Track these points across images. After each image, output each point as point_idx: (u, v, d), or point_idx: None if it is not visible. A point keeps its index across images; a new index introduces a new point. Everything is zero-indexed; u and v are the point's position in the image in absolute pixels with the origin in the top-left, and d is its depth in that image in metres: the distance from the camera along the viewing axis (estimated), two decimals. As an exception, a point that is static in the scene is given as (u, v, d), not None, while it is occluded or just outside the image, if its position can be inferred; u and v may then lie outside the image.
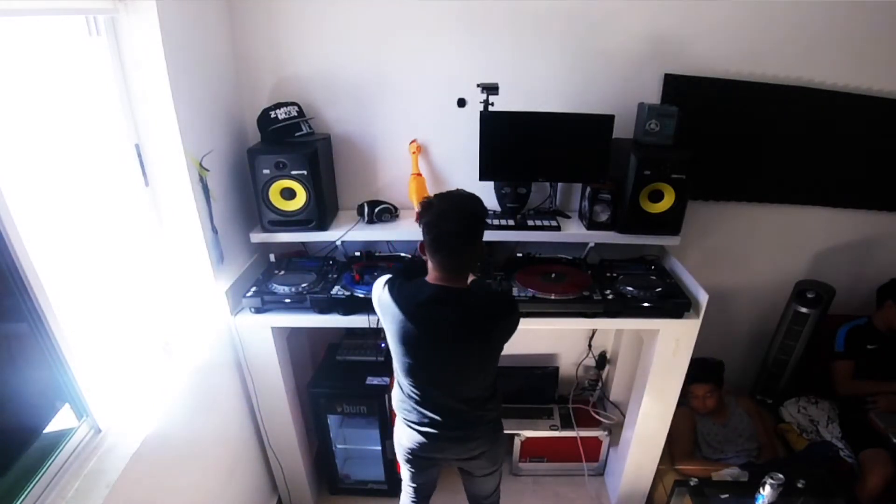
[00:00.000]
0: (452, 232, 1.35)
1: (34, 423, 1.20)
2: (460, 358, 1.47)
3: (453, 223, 1.35)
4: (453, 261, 1.40)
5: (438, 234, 1.36)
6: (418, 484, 1.81)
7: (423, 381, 1.53)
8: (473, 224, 1.39)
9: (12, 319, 1.14)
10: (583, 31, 1.95)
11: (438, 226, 1.35)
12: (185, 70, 1.60)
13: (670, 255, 2.16)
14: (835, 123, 2.13)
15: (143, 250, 1.66)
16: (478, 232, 1.41)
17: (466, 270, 1.47)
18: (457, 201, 1.41)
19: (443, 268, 1.41)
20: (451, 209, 1.37)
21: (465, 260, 1.42)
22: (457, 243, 1.37)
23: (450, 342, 1.44)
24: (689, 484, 1.93)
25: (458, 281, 1.44)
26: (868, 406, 2.26)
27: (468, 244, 1.39)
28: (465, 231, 1.37)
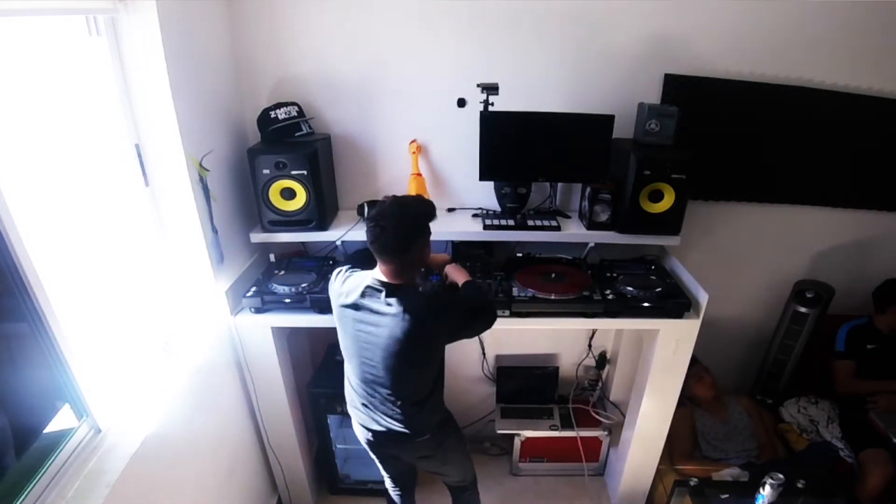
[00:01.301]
0: (388, 230, 1.39)
1: (34, 423, 1.20)
2: (391, 353, 1.48)
3: (386, 230, 1.39)
4: (387, 259, 1.44)
5: (373, 229, 1.40)
6: (390, 474, 1.90)
7: (360, 375, 1.58)
8: (404, 234, 1.41)
9: (12, 319, 1.14)
10: (583, 31, 1.95)
11: (377, 220, 1.40)
12: (185, 70, 1.60)
13: (670, 255, 2.16)
14: (835, 123, 2.13)
15: (143, 250, 1.66)
16: (409, 238, 1.42)
17: (407, 270, 1.48)
18: (402, 204, 1.45)
19: (382, 262, 1.46)
20: (391, 211, 1.41)
21: (400, 261, 1.44)
22: (389, 241, 1.40)
23: (380, 336, 1.48)
24: (689, 484, 1.93)
25: (400, 276, 1.47)
26: (868, 406, 2.26)
27: (402, 245, 1.42)
28: (399, 234, 1.40)
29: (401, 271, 1.47)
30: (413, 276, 1.52)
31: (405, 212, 1.43)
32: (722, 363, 2.59)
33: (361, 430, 1.71)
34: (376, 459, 1.84)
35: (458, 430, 1.80)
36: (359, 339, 1.53)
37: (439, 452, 1.74)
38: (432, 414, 1.66)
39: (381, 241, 1.40)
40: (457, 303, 1.59)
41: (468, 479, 1.94)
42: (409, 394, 1.57)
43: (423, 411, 1.62)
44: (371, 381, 1.57)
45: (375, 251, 1.43)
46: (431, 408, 1.64)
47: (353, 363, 1.59)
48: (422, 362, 1.55)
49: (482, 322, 1.62)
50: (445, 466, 1.83)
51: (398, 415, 1.58)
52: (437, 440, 1.69)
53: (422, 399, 1.60)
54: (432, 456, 1.74)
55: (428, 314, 1.47)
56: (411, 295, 1.46)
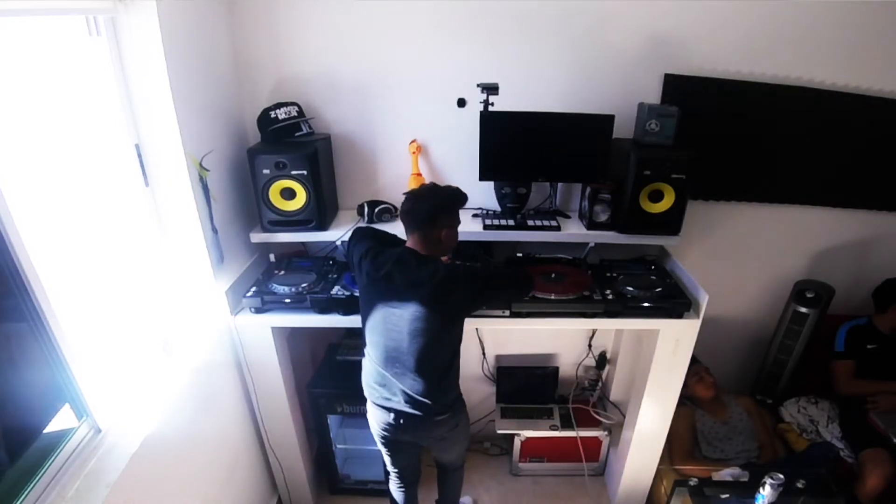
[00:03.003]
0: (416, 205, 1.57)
1: (34, 423, 1.20)
2: (417, 318, 1.55)
3: (420, 201, 1.58)
4: (414, 229, 1.58)
5: (409, 202, 1.59)
6: (399, 468, 1.90)
7: (384, 347, 1.62)
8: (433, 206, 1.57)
9: (12, 319, 1.14)
10: (583, 31, 1.95)
11: (413, 195, 1.61)
12: (185, 70, 1.60)
13: (670, 255, 2.16)
14: (835, 123, 2.13)
15: (143, 250, 1.66)
16: (437, 214, 1.57)
17: (431, 244, 1.59)
18: (436, 187, 1.65)
19: (409, 234, 1.61)
20: (427, 189, 1.63)
21: (425, 233, 1.57)
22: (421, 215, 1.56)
23: (409, 303, 1.55)
24: (689, 484, 1.92)
25: (427, 248, 1.59)
26: (868, 406, 2.26)
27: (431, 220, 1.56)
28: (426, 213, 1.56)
29: (426, 243, 1.58)
30: (439, 252, 1.63)
31: (438, 191, 1.62)
32: (722, 363, 2.59)
33: (381, 414, 1.71)
34: (386, 451, 1.85)
35: (466, 409, 1.83)
36: (387, 310, 1.58)
37: (454, 433, 1.77)
38: (451, 388, 1.70)
39: (412, 212, 1.56)
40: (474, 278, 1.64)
41: (462, 458, 2.01)
42: (432, 365, 1.61)
43: (444, 385, 1.66)
44: (394, 351, 1.61)
45: (405, 221, 1.59)
46: (450, 382, 1.69)
47: (377, 335, 1.63)
48: (444, 332, 1.61)
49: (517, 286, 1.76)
50: (454, 448, 1.88)
51: (422, 388, 1.61)
52: (455, 420, 1.73)
53: (441, 373, 1.64)
54: (447, 437, 1.76)
55: (451, 281, 1.55)
56: (438, 265, 1.56)
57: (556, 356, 2.60)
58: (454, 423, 1.74)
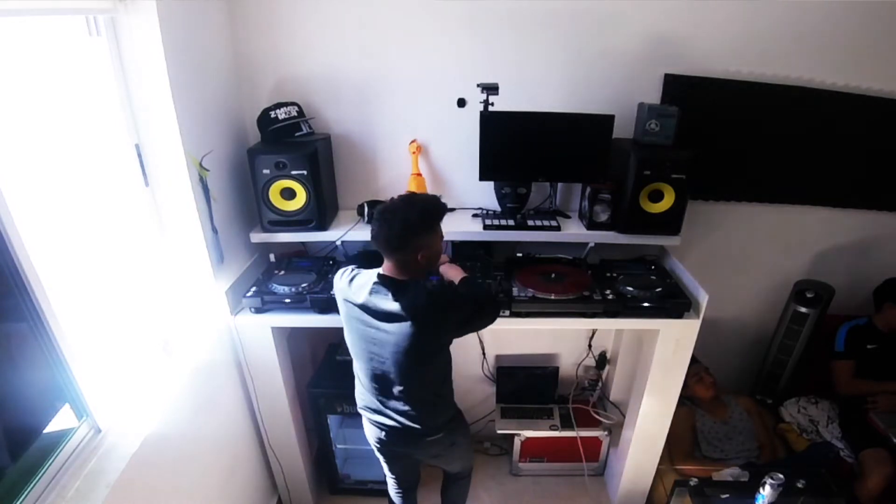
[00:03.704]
0: (384, 230, 1.40)
1: (34, 423, 1.20)
2: (400, 350, 1.48)
3: (387, 224, 1.40)
4: (388, 254, 1.45)
5: (378, 222, 1.42)
6: (396, 475, 1.89)
7: (370, 373, 1.58)
8: (406, 226, 1.40)
9: (12, 319, 1.14)
10: (583, 31, 1.95)
11: (382, 214, 1.42)
12: (185, 70, 1.60)
13: (670, 255, 2.16)
14: (835, 123, 2.13)
15: (143, 250, 1.66)
16: (407, 235, 1.41)
17: (409, 267, 1.47)
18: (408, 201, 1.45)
19: (385, 258, 1.47)
20: (397, 206, 1.42)
21: (400, 256, 1.44)
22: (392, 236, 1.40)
23: (389, 334, 1.47)
24: (689, 484, 1.92)
25: (404, 272, 1.47)
26: (868, 406, 2.26)
27: (400, 242, 1.41)
28: (397, 230, 1.39)
29: (402, 268, 1.46)
30: (418, 274, 1.51)
31: (410, 208, 1.42)
32: (722, 363, 2.59)
33: (373, 429, 1.70)
34: (383, 459, 1.84)
35: (466, 427, 1.81)
36: (367, 337, 1.53)
37: (450, 451, 1.75)
38: (444, 410, 1.67)
39: (382, 236, 1.41)
40: (460, 298, 1.58)
41: (468, 469, 1.98)
42: (420, 391, 1.57)
43: (435, 408, 1.63)
44: (381, 378, 1.57)
45: (377, 246, 1.44)
46: (443, 404, 1.66)
47: (363, 362, 1.59)
48: (430, 359, 1.55)
49: (486, 315, 1.62)
50: (453, 463, 1.87)
51: (410, 412, 1.58)
52: (450, 439, 1.70)
53: (433, 396, 1.61)
54: (443, 455, 1.76)
55: (433, 311, 1.46)
56: (417, 292, 1.46)
57: (556, 356, 2.60)
58: (449, 443, 1.71)
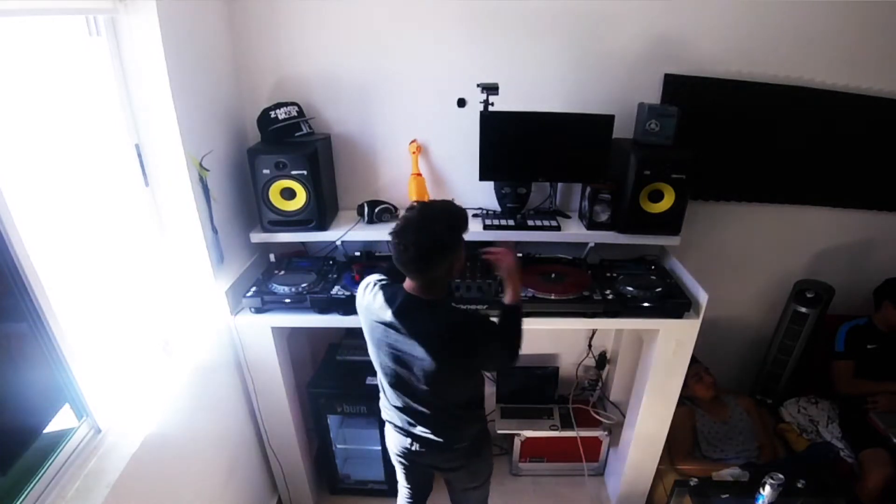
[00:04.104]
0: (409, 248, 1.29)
1: (34, 423, 1.20)
2: (425, 371, 1.42)
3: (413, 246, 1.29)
4: (413, 276, 1.37)
5: (396, 246, 1.31)
6: (411, 484, 1.83)
7: (397, 386, 1.52)
8: (430, 246, 1.30)
9: (12, 319, 1.14)
10: (583, 31, 1.95)
11: (399, 237, 1.30)
12: (185, 70, 1.60)
13: (670, 255, 2.16)
14: (835, 123, 2.13)
15: (143, 250, 1.66)
16: (432, 256, 1.31)
17: (436, 286, 1.40)
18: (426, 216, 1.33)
19: (406, 273, 1.37)
20: (415, 224, 1.31)
21: (426, 278, 1.36)
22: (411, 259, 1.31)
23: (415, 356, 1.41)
24: (689, 484, 1.93)
25: (430, 292, 1.39)
26: (868, 406, 2.26)
27: (425, 264, 1.32)
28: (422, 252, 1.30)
29: (429, 287, 1.39)
30: (444, 289, 1.45)
31: (429, 227, 1.30)
32: (722, 363, 2.59)
33: (398, 439, 1.64)
34: (401, 469, 1.76)
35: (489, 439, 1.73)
36: (392, 355, 1.46)
37: (471, 463, 1.67)
38: (471, 425, 1.61)
39: (404, 260, 1.31)
40: (491, 335, 1.46)
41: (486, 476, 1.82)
42: (448, 409, 1.52)
43: (462, 423, 1.57)
44: (407, 395, 1.52)
45: (402, 269, 1.35)
46: (471, 419, 1.60)
47: (388, 376, 1.53)
48: (459, 382, 1.50)
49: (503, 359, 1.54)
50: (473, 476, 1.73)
51: (436, 428, 1.54)
52: (473, 452, 1.64)
53: (461, 412, 1.55)
54: (465, 467, 1.67)
55: (458, 341, 1.39)
56: (444, 314, 1.40)
57: (556, 356, 2.60)
58: (472, 455, 1.64)
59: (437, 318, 1.39)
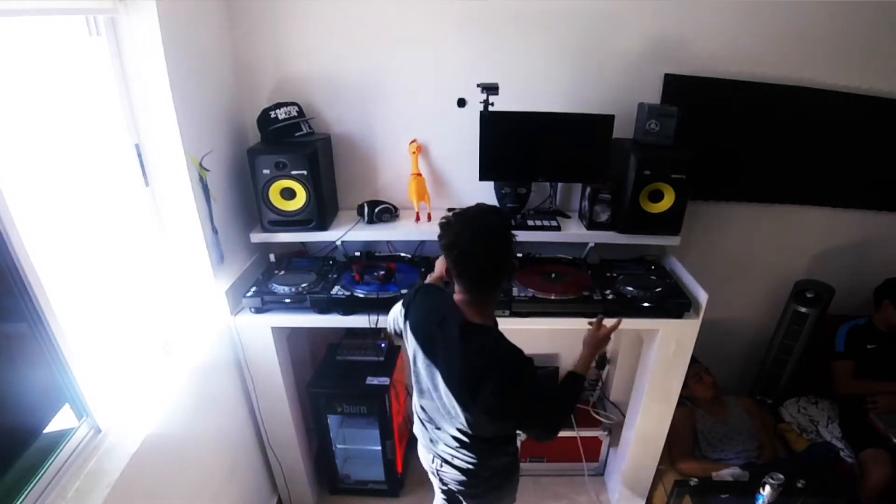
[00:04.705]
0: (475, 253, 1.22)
1: (34, 423, 1.20)
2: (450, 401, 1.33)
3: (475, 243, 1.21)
4: (478, 284, 1.27)
5: (460, 254, 1.22)
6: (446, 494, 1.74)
7: (422, 402, 1.48)
8: (498, 242, 1.24)
9: (12, 319, 1.14)
10: (583, 31, 1.95)
11: (458, 246, 1.22)
12: (185, 70, 1.60)
13: (670, 255, 2.15)
14: (835, 123, 2.13)
15: (143, 250, 1.66)
16: (503, 251, 1.25)
17: (490, 304, 1.33)
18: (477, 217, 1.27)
19: (467, 290, 1.28)
20: (470, 227, 1.24)
21: (492, 283, 1.28)
22: (480, 265, 1.23)
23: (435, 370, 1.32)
24: (689, 484, 1.92)
25: (481, 309, 1.30)
26: (868, 406, 2.26)
27: (494, 264, 1.24)
28: (489, 251, 1.23)
29: (484, 304, 1.30)
30: (493, 310, 1.38)
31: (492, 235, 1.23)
32: (722, 363, 2.58)
33: (422, 449, 1.60)
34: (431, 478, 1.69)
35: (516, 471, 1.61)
36: (425, 371, 1.38)
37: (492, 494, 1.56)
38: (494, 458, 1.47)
39: (474, 272, 1.23)
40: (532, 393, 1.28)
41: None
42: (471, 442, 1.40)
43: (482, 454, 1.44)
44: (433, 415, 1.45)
45: (463, 282, 1.26)
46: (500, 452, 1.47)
47: (416, 392, 1.47)
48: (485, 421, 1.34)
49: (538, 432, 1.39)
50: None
51: (463, 456, 1.44)
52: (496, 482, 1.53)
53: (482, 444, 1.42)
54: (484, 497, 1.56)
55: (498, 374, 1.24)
56: (487, 347, 1.26)
57: (556, 356, 2.60)
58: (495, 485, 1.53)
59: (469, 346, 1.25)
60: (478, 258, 1.23)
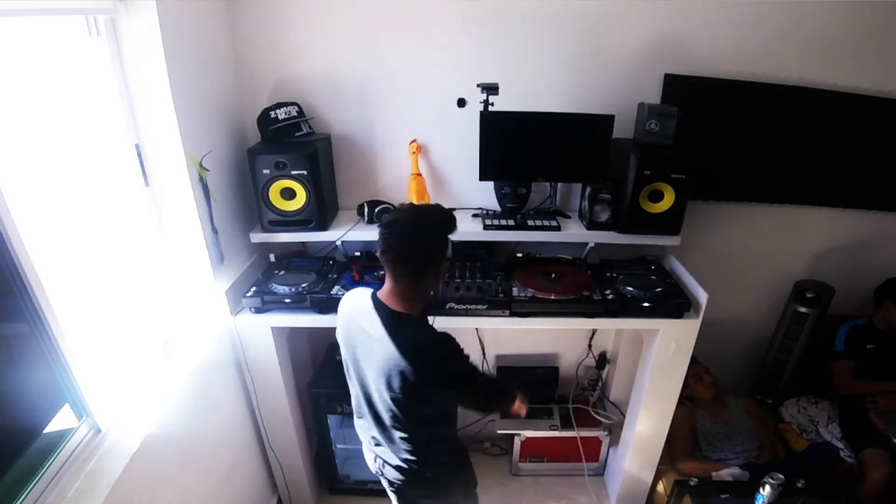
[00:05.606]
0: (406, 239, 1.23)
1: (34, 423, 1.20)
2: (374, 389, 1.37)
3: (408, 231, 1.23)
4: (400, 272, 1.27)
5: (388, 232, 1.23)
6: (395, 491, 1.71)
7: (359, 395, 1.47)
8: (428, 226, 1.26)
9: (12, 319, 1.14)
10: (583, 31, 1.95)
11: (390, 227, 1.24)
12: (185, 70, 1.60)
13: (670, 255, 2.16)
14: (835, 123, 2.13)
15: (143, 250, 1.66)
16: (431, 249, 1.26)
17: (418, 291, 1.31)
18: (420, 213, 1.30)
19: (390, 276, 1.29)
20: (410, 217, 1.26)
21: (414, 276, 1.28)
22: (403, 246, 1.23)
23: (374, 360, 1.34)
24: (689, 484, 1.92)
25: (405, 300, 1.30)
26: (868, 406, 2.26)
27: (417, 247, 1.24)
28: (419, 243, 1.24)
29: (410, 291, 1.30)
30: (421, 302, 1.36)
31: (423, 221, 1.26)
32: (722, 363, 2.58)
33: (371, 458, 1.61)
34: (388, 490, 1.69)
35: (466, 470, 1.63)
36: (356, 357, 1.41)
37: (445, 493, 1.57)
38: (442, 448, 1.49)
39: (396, 252, 1.23)
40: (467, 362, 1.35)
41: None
42: (407, 424, 1.40)
43: (428, 444, 1.44)
44: (369, 403, 1.44)
45: (388, 263, 1.26)
46: (437, 440, 1.47)
47: (353, 382, 1.48)
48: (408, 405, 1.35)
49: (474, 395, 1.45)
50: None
51: (405, 447, 1.43)
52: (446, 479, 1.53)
53: (422, 430, 1.43)
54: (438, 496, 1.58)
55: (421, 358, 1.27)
56: (411, 330, 1.29)
57: (556, 356, 2.60)
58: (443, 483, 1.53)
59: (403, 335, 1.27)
60: (404, 237, 1.23)
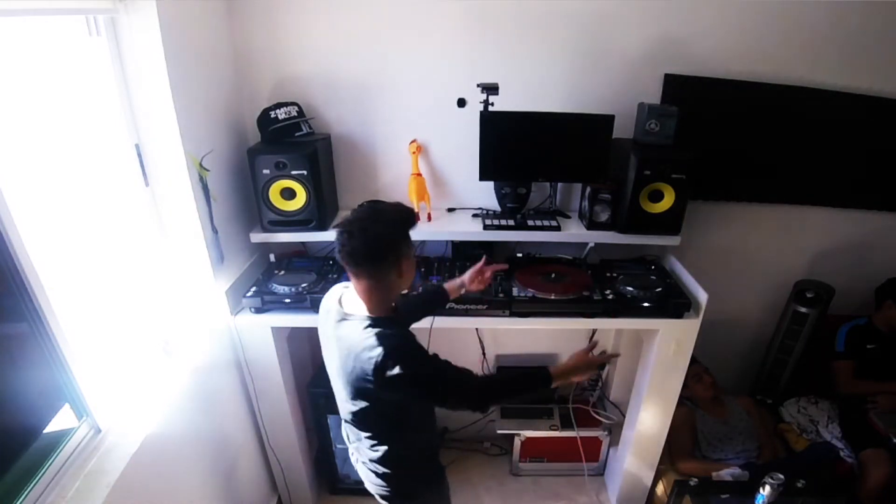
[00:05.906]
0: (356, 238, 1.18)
1: (34, 423, 1.20)
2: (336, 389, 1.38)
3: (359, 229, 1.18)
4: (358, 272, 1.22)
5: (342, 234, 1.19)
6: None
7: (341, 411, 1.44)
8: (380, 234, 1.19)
9: (12, 319, 1.14)
10: (583, 31, 1.95)
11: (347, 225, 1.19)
12: (185, 70, 1.60)
13: (670, 255, 2.16)
14: (835, 123, 2.13)
15: (143, 250, 1.66)
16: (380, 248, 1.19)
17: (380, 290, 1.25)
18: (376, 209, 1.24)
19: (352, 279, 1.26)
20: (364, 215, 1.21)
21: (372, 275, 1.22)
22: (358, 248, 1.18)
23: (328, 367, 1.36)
24: (689, 484, 1.92)
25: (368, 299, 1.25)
26: (868, 406, 2.26)
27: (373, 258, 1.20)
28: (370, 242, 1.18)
29: (373, 290, 1.23)
30: (387, 302, 1.28)
31: (378, 217, 1.21)
32: (722, 363, 2.58)
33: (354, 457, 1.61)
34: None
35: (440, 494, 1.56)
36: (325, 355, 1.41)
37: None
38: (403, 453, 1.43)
39: (349, 248, 1.17)
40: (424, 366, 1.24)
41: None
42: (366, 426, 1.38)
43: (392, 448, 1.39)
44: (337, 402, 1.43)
45: (344, 262, 1.21)
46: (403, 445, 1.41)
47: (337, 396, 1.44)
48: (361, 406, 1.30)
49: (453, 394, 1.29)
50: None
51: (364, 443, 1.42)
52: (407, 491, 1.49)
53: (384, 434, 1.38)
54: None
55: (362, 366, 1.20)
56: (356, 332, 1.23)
57: (556, 356, 2.60)
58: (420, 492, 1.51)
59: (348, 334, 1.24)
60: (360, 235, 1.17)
